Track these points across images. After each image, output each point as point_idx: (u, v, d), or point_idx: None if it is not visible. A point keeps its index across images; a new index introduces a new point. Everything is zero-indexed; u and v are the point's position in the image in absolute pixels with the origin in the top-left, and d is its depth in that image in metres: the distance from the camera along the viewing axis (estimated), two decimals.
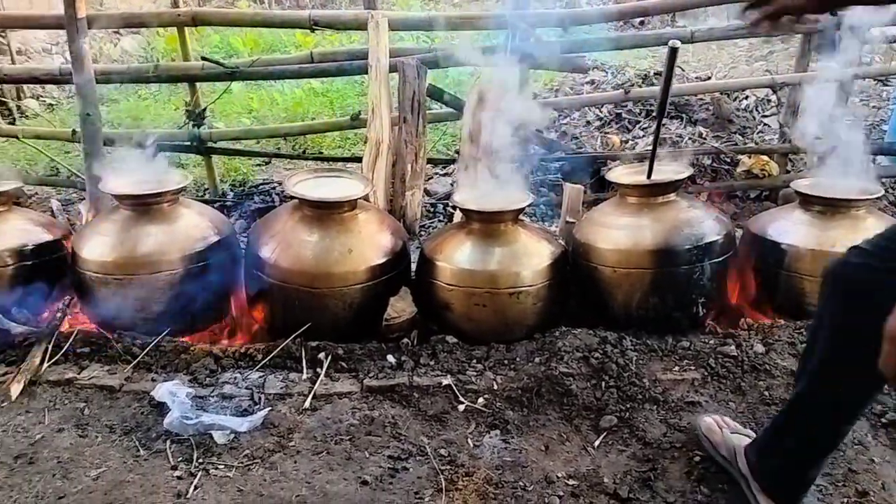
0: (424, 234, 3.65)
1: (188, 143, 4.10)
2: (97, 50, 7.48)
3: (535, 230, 2.67)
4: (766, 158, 4.29)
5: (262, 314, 2.61)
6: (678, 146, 4.67)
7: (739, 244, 2.65)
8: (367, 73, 3.36)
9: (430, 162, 3.99)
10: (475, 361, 2.32)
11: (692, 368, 2.27)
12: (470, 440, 2.00)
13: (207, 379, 2.24)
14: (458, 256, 2.48)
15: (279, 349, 2.35)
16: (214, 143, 4.21)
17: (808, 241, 2.47)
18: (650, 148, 2.53)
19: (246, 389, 2.18)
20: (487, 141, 3.07)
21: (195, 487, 1.81)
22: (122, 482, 1.82)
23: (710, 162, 4.44)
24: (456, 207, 2.81)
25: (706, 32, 3.89)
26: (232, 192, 4.56)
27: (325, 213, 2.51)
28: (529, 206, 2.61)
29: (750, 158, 4.31)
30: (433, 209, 4.19)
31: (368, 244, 2.52)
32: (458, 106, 3.58)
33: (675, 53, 2.23)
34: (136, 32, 8.14)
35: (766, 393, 2.16)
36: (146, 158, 2.70)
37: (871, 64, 6.30)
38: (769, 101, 5.25)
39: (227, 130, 4.61)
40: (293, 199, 2.58)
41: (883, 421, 2.04)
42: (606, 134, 5.03)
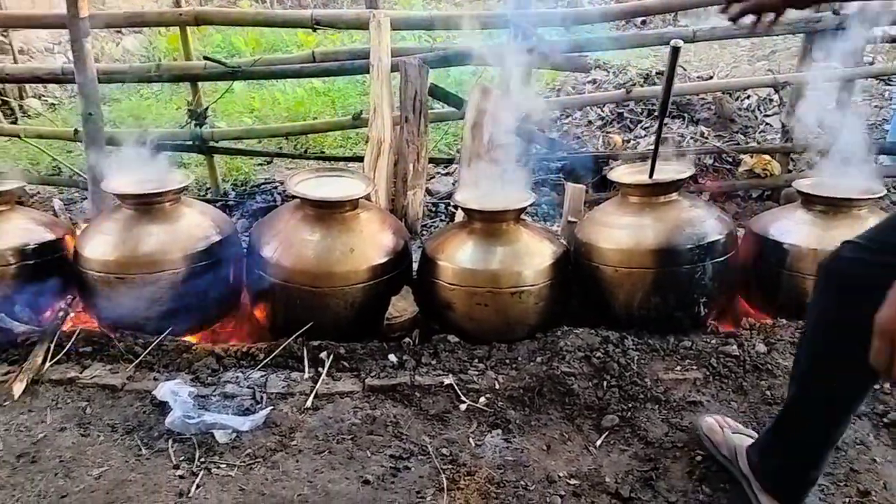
0: (426, 233, 3.65)
1: (190, 142, 4.11)
2: (99, 49, 7.50)
3: (536, 230, 2.67)
4: (767, 158, 4.29)
5: (263, 313, 2.61)
6: (680, 146, 4.67)
7: (741, 244, 2.65)
8: (368, 72, 3.36)
9: (431, 161, 3.99)
10: (477, 361, 2.32)
11: (694, 368, 2.27)
12: (472, 439, 2.00)
13: (209, 378, 2.24)
14: (459, 256, 2.48)
15: (281, 348, 2.36)
16: (216, 142, 4.21)
17: (809, 240, 2.46)
18: (652, 147, 2.52)
19: (248, 389, 2.18)
20: (489, 140, 3.08)
21: (197, 486, 1.81)
22: (124, 481, 1.83)
23: (711, 161, 4.44)
24: (457, 207, 2.80)
25: (708, 32, 3.88)
26: (234, 191, 4.57)
27: (326, 212, 2.52)
28: (531, 205, 2.61)
29: (752, 158, 4.31)
30: (435, 208, 4.19)
31: (370, 243, 2.52)
32: (459, 105, 3.58)
33: (676, 53, 2.22)
34: (138, 32, 8.17)
35: (767, 393, 2.16)
36: (148, 158, 2.70)
37: (872, 63, 6.29)
38: (771, 100, 5.25)
39: (228, 130, 4.62)
40: (295, 198, 2.58)
41: (885, 421, 2.04)
42: (608, 133, 5.03)
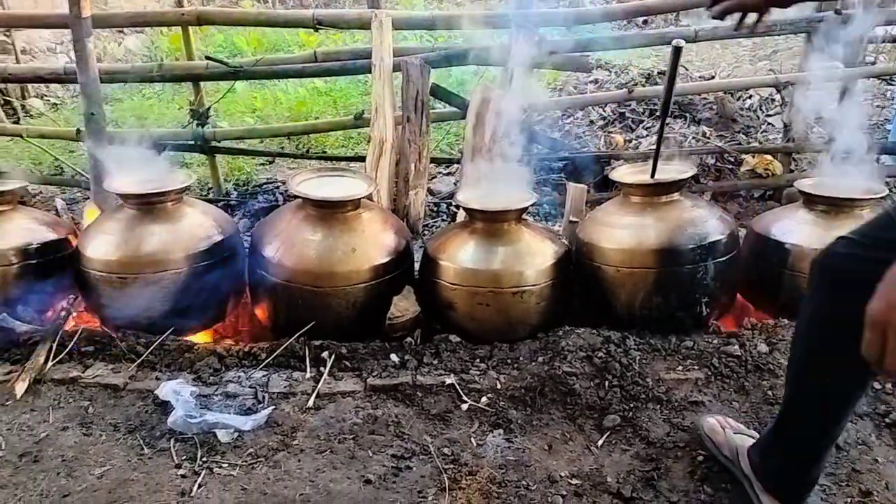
0: (428, 233, 3.65)
1: (192, 142, 4.11)
2: (101, 49, 7.51)
3: (538, 229, 2.67)
4: (769, 158, 4.29)
5: (265, 313, 2.61)
6: (682, 146, 4.67)
7: (743, 244, 2.65)
8: (370, 72, 3.36)
9: (433, 161, 3.99)
10: (478, 361, 2.32)
11: (696, 368, 2.27)
12: (473, 439, 2.00)
13: (211, 378, 2.24)
14: (461, 256, 2.48)
15: (283, 348, 2.36)
16: (218, 142, 4.21)
17: (811, 240, 2.46)
18: (654, 147, 2.52)
19: (250, 388, 2.18)
20: (491, 140, 3.08)
21: (199, 486, 1.81)
22: (126, 480, 1.83)
23: (713, 161, 4.44)
24: (459, 207, 2.80)
25: (710, 32, 3.88)
26: (236, 191, 4.57)
27: (328, 212, 2.52)
28: (533, 205, 2.61)
29: (754, 158, 4.31)
30: (436, 208, 4.20)
31: (372, 243, 2.52)
32: (461, 105, 3.58)
33: (678, 52, 2.22)
34: (140, 32, 8.18)
35: (769, 393, 2.16)
36: (150, 157, 2.71)
37: (874, 63, 6.28)
38: (773, 100, 5.25)
39: (230, 130, 4.62)
40: (297, 198, 2.58)
41: (887, 421, 2.04)
42: (610, 133, 5.03)
